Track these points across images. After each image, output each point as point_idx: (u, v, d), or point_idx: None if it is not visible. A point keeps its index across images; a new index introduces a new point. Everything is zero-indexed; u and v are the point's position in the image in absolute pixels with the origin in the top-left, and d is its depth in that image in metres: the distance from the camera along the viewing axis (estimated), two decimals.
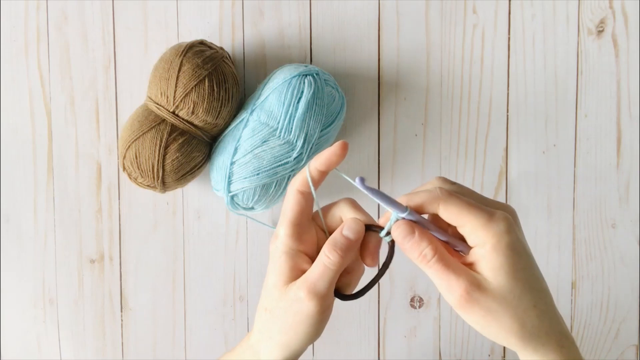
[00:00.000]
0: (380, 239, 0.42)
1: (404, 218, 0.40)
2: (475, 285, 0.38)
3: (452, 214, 0.39)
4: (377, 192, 0.39)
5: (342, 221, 0.42)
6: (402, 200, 0.40)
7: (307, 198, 0.42)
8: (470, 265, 0.39)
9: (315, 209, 0.44)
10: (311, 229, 0.43)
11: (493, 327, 0.39)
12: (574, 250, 0.69)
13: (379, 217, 0.69)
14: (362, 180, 0.38)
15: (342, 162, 0.42)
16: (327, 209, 0.43)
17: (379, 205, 0.68)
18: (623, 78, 0.68)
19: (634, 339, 0.70)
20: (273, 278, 0.42)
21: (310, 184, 0.41)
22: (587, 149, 0.69)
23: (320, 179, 0.42)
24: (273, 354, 0.43)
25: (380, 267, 0.42)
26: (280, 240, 0.42)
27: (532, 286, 0.39)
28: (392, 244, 0.41)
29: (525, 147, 0.69)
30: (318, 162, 0.41)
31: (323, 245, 0.41)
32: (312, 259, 0.42)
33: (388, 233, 0.40)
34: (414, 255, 0.39)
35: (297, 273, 0.42)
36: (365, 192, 0.38)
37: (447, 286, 0.39)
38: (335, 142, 0.41)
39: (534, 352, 0.40)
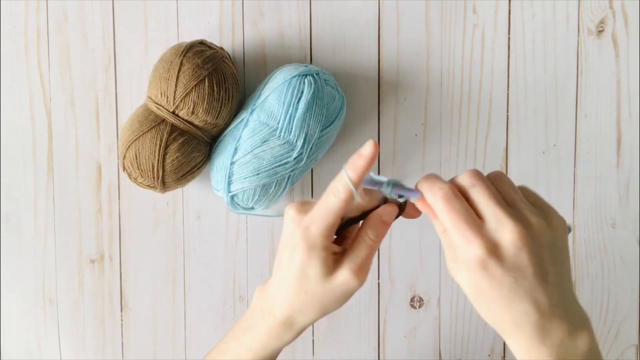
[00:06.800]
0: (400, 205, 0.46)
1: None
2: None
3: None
4: (399, 186, 0.44)
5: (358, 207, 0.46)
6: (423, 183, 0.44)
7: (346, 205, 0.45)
8: None
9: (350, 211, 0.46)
10: None
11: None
12: (574, 250, 0.69)
13: None
14: (390, 183, 0.43)
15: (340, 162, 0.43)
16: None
17: None
18: (623, 78, 0.68)
19: (634, 339, 0.70)
20: (315, 270, 0.45)
21: (354, 193, 0.43)
22: (587, 149, 0.69)
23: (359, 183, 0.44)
24: (311, 319, 0.48)
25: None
26: (315, 239, 0.44)
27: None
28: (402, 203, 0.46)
29: (525, 147, 0.69)
30: (358, 171, 0.42)
31: (359, 230, 0.46)
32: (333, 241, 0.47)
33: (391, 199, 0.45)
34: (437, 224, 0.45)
35: (334, 258, 0.45)
36: (392, 195, 0.44)
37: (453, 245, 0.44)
38: (365, 144, 0.42)
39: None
